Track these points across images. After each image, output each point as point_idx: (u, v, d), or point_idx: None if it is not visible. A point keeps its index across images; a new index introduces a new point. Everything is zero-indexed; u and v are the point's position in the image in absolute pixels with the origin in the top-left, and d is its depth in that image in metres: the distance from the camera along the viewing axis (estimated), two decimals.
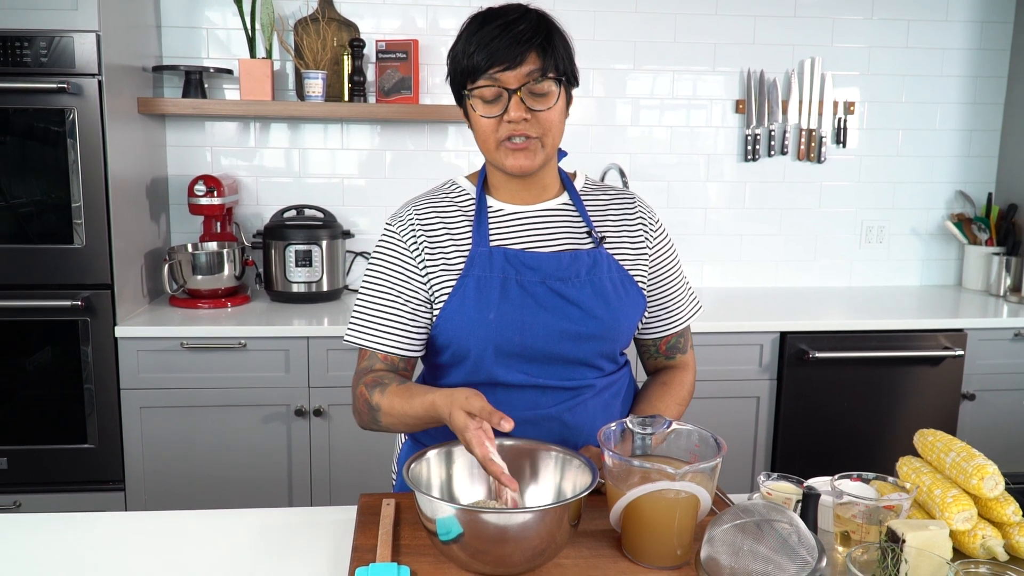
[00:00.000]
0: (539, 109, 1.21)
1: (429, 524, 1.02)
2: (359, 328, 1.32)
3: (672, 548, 1.06)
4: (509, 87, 1.19)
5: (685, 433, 1.17)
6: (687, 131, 3.08)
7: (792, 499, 1.17)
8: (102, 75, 2.28)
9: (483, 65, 1.19)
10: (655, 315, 1.41)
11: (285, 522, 1.25)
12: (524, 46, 1.18)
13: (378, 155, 2.95)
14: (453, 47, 1.25)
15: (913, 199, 3.23)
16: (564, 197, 1.35)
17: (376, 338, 1.30)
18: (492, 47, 1.18)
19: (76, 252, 2.34)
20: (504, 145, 1.23)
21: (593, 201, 1.36)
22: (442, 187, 1.37)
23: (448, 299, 1.27)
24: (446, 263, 1.28)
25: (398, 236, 1.31)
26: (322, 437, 2.47)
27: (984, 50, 3.16)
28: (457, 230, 1.30)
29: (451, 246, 1.29)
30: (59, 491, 2.43)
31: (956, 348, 2.66)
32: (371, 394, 1.26)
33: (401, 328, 1.30)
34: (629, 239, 1.35)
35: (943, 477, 1.20)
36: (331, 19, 2.77)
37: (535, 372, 1.28)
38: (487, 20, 1.21)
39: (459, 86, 1.25)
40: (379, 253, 1.33)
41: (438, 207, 1.33)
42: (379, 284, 1.31)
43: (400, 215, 1.33)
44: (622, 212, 1.36)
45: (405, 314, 1.29)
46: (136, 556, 1.15)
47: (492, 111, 1.22)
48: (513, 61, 1.18)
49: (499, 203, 1.33)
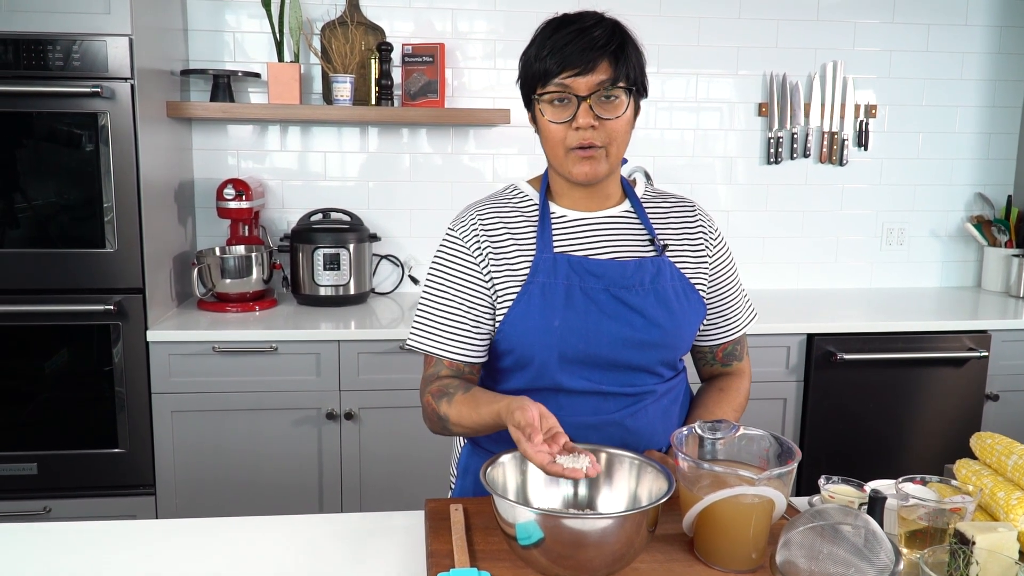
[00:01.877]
0: (607, 118, 1.21)
1: (508, 529, 1.03)
2: (423, 333, 1.32)
3: (747, 552, 1.07)
4: (579, 94, 1.20)
5: (755, 438, 1.18)
6: (710, 134, 3.10)
7: (855, 501, 1.18)
8: (134, 79, 2.29)
9: (554, 70, 1.19)
10: (713, 322, 1.42)
11: (345, 529, 1.25)
12: (596, 52, 1.18)
13: (401, 159, 2.96)
14: (526, 51, 1.25)
15: (933, 201, 3.25)
16: (626, 205, 1.36)
17: (441, 345, 1.30)
18: (565, 52, 1.18)
19: (108, 256, 2.34)
20: (572, 153, 1.23)
21: (654, 208, 1.37)
22: (504, 192, 1.38)
23: (513, 305, 1.27)
24: (510, 269, 1.28)
25: (461, 241, 1.31)
26: (353, 440, 2.47)
27: (1003, 54, 3.18)
28: (521, 235, 1.30)
29: (515, 251, 1.29)
30: (89, 496, 2.43)
31: (980, 349, 2.68)
32: (439, 405, 1.26)
33: (465, 334, 1.30)
34: (690, 247, 1.35)
35: (1005, 479, 1.21)
36: (359, 23, 2.77)
37: (597, 378, 1.28)
38: (562, 25, 1.21)
39: (529, 90, 1.25)
40: (441, 257, 1.33)
41: (501, 212, 1.33)
42: (442, 289, 1.31)
43: (463, 219, 1.33)
44: (683, 220, 1.37)
45: (469, 320, 1.29)
46: (193, 565, 1.15)
47: (560, 116, 1.22)
48: (585, 67, 1.18)
49: (562, 209, 1.33)
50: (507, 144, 2.99)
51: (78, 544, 1.20)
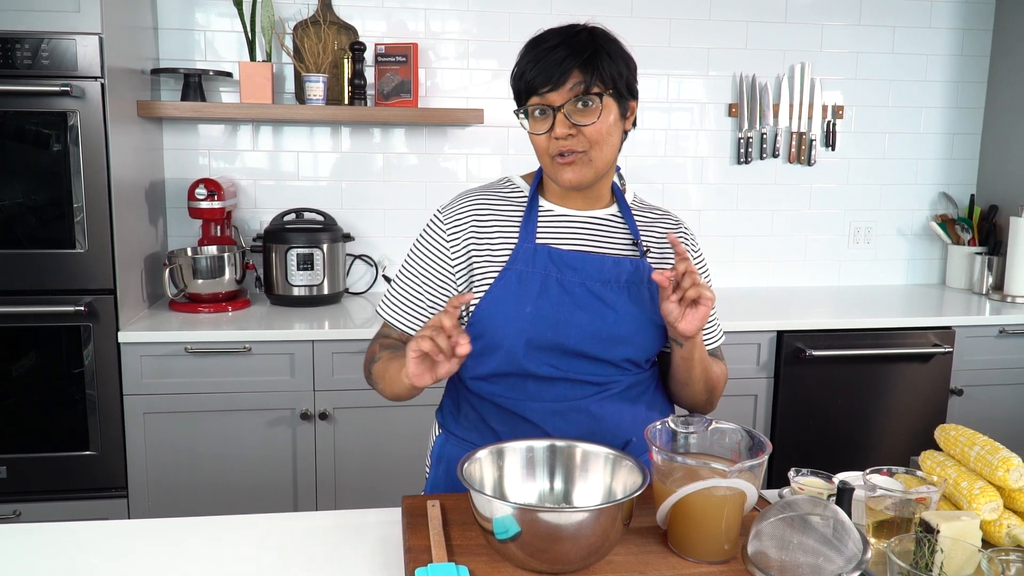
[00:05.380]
0: (584, 124, 1.26)
1: (485, 523, 1.04)
2: (385, 302, 1.41)
3: (720, 543, 1.09)
4: (554, 105, 1.25)
5: (727, 432, 1.21)
6: (681, 134, 3.13)
7: (824, 493, 1.21)
8: (104, 78, 2.26)
9: (532, 86, 1.26)
10: None
11: (321, 527, 1.25)
12: (566, 64, 1.24)
13: (374, 158, 2.96)
14: (513, 68, 1.32)
15: (899, 201, 3.31)
16: (614, 208, 1.41)
17: (397, 316, 1.39)
18: (539, 68, 1.25)
19: (78, 257, 2.32)
20: (555, 161, 1.29)
21: (641, 217, 1.42)
22: (498, 183, 1.43)
23: (489, 290, 1.30)
24: (491, 254, 1.33)
25: (443, 224, 1.36)
26: (328, 441, 2.47)
27: (965, 56, 3.25)
28: (507, 224, 1.35)
29: (499, 238, 1.33)
30: (60, 499, 2.40)
31: (945, 345, 2.74)
32: (378, 355, 1.37)
33: (421, 312, 1.37)
34: (672, 257, 1.39)
35: (968, 470, 1.25)
36: (331, 22, 2.77)
37: (565, 366, 1.31)
38: (538, 43, 1.28)
39: (517, 106, 1.33)
40: (422, 236, 1.39)
41: (491, 200, 1.38)
42: (411, 267, 1.39)
43: (453, 204, 1.38)
44: (667, 231, 1.42)
45: (427, 300, 1.36)
46: (166, 565, 1.15)
47: (541, 128, 1.28)
48: (556, 81, 1.24)
49: (551, 204, 1.38)
50: (480, 144, 3.00)
51: (49, 546, 1.19)
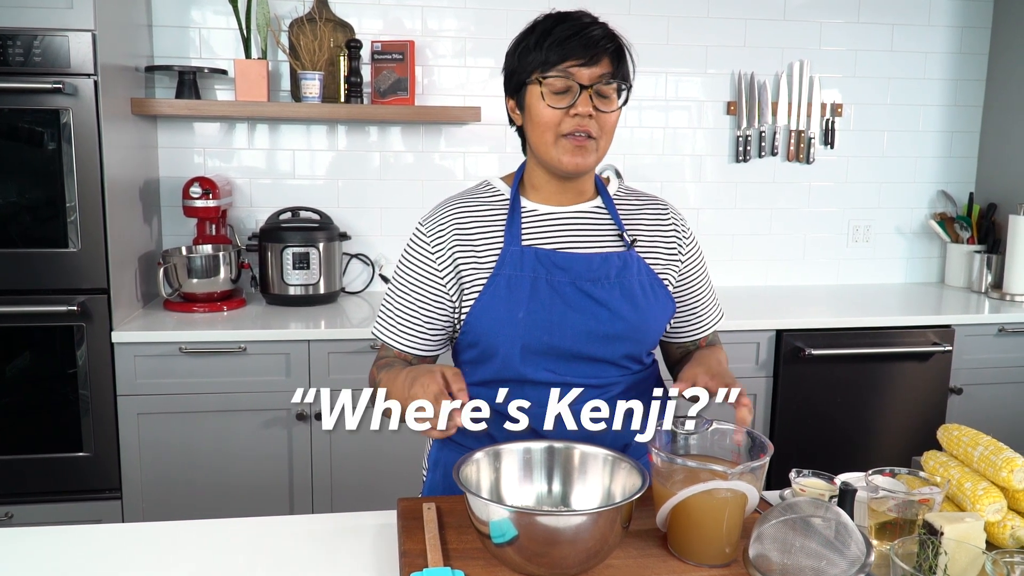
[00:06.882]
0: (604, 110, 1.25)
1: (482, 527, 1.03)
2: (380, 323, 1.38)
3: (721, 546, 1.08)
4: (582, 82, 1.23)
5: (727, 433, 1.19)
6: (679, 132, 3.12)
7: (826, 494, 1.20)
8: (98, 75, 2.24)
9: (557, 58, 1.23)
10: (685, 319, 1.44)
11: (317, 530, 1.24)
12: (599, 47, 1.23)
13: (371, 156, 2.94)
14: (518, 42, 1.28)
15: (898, 199, 3.30)
16: (597, 201, 1.38)
17: (395, 336, 1.35)
18: (568, 43, 1.22)
19: (72, 256, 2.30)
20: (564, 140, 1.25)
21: (626, 205, 1.39)
22: (477, 187, 1.39)
23: (478, 297, 1.28)
24: (477, 261, 1.30)
25: (426, 237, 1.33)
26: (324, 441, 2.45)
27: (964, 54, 3.24)
28: (490, 229, 1.32)
29: (483, 244, 1.31)
30: (53, 501, 2.38)
31: (944, 344, 2.73)
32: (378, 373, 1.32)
33: (417, 329, 1.34)
34: (662, 244, 1.37)
35: (971, 470, 1.23)
36: (327, 20, 2.75)
37: (562, 370, 1.29)
38: (561, 20, 1.25)
39: (524, 75, 1.26)
40: (406, 252, 1.36)
41: (471, 207, 1.34)
42: (401, 284, 1.35)
43: (432, 215, 1.35)
44: (655, 218, 1.39)
45: (422, 317, 1.33)
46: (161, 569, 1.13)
47: (560, 103, 1.24)
48: (589, 59, 1.22)
49: (532, 204, 1.35)
50: (478, 142, 2.98)
51: (42, 550, 1.17)
